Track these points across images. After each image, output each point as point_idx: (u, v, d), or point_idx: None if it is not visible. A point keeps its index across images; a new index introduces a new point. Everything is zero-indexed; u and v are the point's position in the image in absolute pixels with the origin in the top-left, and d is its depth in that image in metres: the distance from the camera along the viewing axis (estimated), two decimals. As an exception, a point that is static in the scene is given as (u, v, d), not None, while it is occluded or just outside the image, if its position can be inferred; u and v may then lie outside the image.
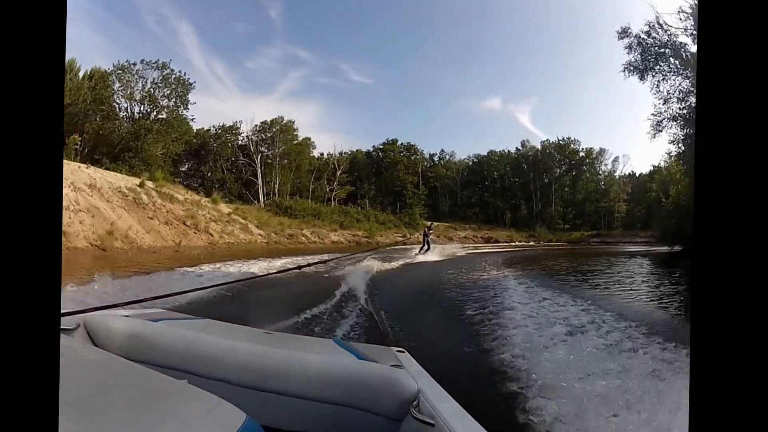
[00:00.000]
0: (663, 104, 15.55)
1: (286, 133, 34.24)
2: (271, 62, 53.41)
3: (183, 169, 32.89)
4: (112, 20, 41.57)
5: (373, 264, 10.92)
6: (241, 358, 1.56)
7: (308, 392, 1.47)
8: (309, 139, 36.27)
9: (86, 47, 37.56)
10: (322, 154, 37.55)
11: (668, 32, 14.80)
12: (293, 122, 34.70)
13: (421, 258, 15.40)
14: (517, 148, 42.01)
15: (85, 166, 17.64)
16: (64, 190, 14.07)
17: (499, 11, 54.32)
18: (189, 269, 9.25)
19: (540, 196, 40.85)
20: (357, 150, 38.99)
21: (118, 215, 14.78)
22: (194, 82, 28.82)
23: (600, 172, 42.34)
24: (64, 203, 13.48)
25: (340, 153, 37.65)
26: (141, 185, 18.22)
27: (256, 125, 33.79)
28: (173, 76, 27.82)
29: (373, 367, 1.55)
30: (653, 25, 15.06)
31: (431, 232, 18.44)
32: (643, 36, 15.36)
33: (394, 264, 12.39)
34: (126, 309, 1.86)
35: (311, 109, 58.98)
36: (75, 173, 16.09)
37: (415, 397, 1.38)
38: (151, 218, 16.33)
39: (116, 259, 11.28)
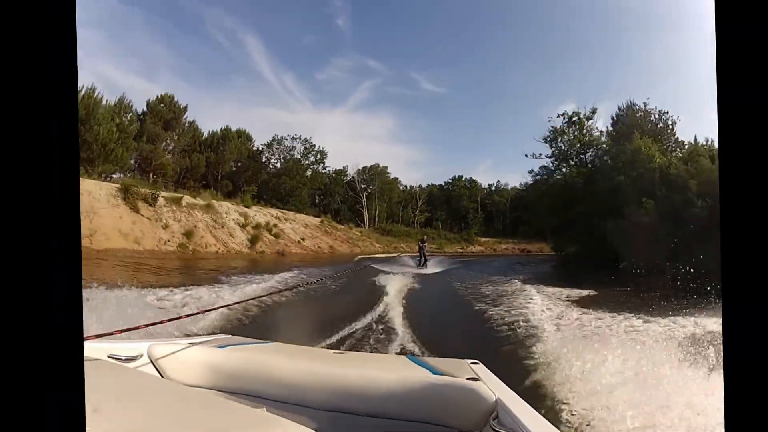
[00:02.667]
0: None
1: (381, 175, 48.36)
2: (341, 73, 52.71)
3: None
4: (177, 32, 46.15)
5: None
6: (319, 381, 1.59)
7: (387, 411, 1.50)
8: (397, 178, 50.32)
9: (157, 61, 44.39)
10: (406, 186, 51.26)
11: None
12: (387, 167, 48.87)
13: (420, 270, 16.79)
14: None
15: (293, 212, 32.38)
16: (302, 230, 28.38)
17: (577, 13, 53.99)
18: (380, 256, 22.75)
19: (574, 216, 51.13)
20: (431, 184, 52.44)
21: (325, 240, 29.19)
22: (328, 151, 43.28)
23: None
24: (311, 234, 27.87)
25: (420, 186, 51.40)
26: (322, 222, 32.78)
27: (359, 169, 48.22)
28: (315, 148, 42.82)
29: (450, 381, 1.56)
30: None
31: (425, 245, 19.04)
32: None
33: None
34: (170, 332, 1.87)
35: (384, 121, 58.78)
36: (296, 216, 30.70)
37: (494, 409, 1.39)
38: (335, 239, 30.64)
39: (341, 258, 25.07)
